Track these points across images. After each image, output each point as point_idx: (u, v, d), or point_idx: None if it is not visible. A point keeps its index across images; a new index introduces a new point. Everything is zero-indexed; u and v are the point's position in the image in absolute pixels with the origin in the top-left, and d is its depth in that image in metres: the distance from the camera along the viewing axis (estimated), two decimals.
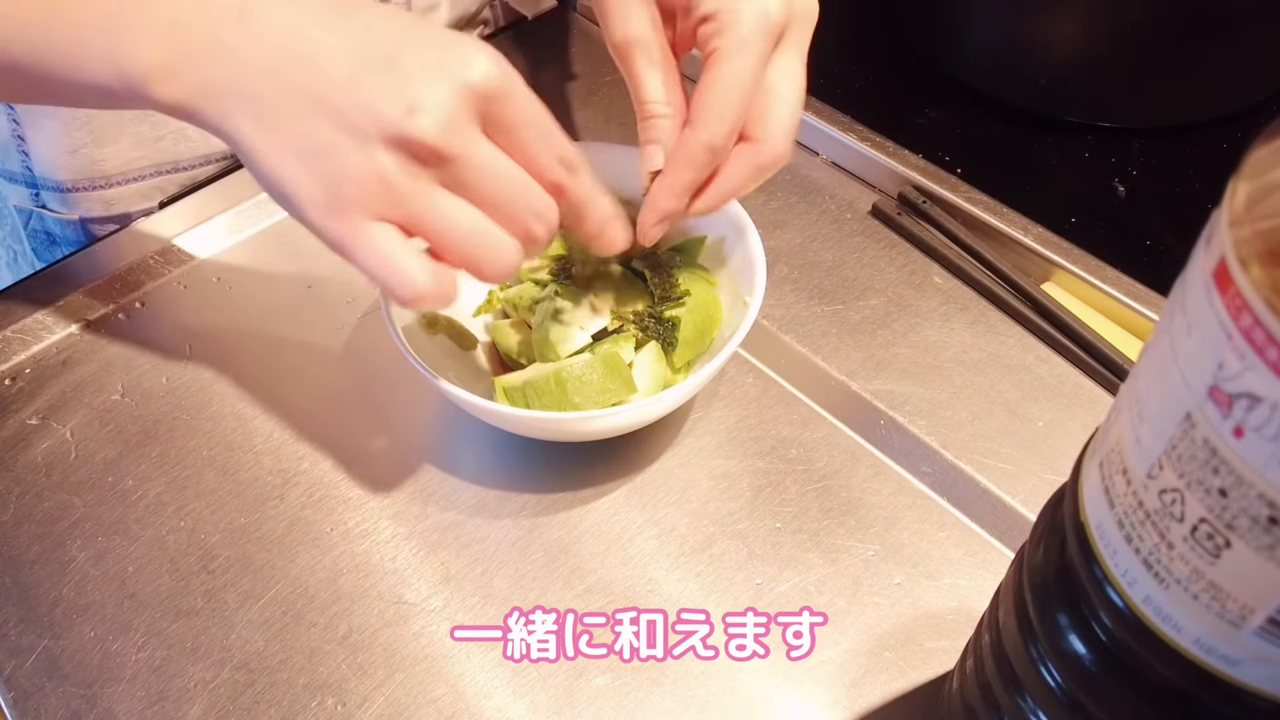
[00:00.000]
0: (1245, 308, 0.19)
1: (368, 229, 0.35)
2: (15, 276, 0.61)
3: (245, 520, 0.47)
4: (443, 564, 0.46)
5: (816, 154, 0.64)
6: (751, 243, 0.48)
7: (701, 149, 0.41)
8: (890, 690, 0.42)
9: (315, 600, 0.45)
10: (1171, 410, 0.22)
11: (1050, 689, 0.29)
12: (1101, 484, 0.25)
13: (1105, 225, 0.60)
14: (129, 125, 0.61)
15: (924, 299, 0.55)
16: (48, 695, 0.42)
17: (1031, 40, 0.65)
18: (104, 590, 0.45)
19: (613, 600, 0.44)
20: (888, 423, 0.50)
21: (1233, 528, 0.21)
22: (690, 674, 0.42)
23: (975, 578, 0.45)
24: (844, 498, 0.48)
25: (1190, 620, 0.23)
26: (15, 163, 0.63)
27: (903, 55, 0.73)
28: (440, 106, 0.34)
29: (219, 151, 0.64)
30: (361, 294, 0.56)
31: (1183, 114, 0.66)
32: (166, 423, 0.51)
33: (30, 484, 0.49)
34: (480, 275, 0.38)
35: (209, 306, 0.56)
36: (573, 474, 0.49)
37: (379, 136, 0.34)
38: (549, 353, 0.47)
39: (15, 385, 0.53)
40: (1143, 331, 0.52)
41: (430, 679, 0.42)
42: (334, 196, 0.35)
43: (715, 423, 0.51)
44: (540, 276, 0.51)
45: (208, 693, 0.42)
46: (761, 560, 0.45)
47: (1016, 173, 0.64)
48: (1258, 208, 0.19)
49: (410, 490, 0.48)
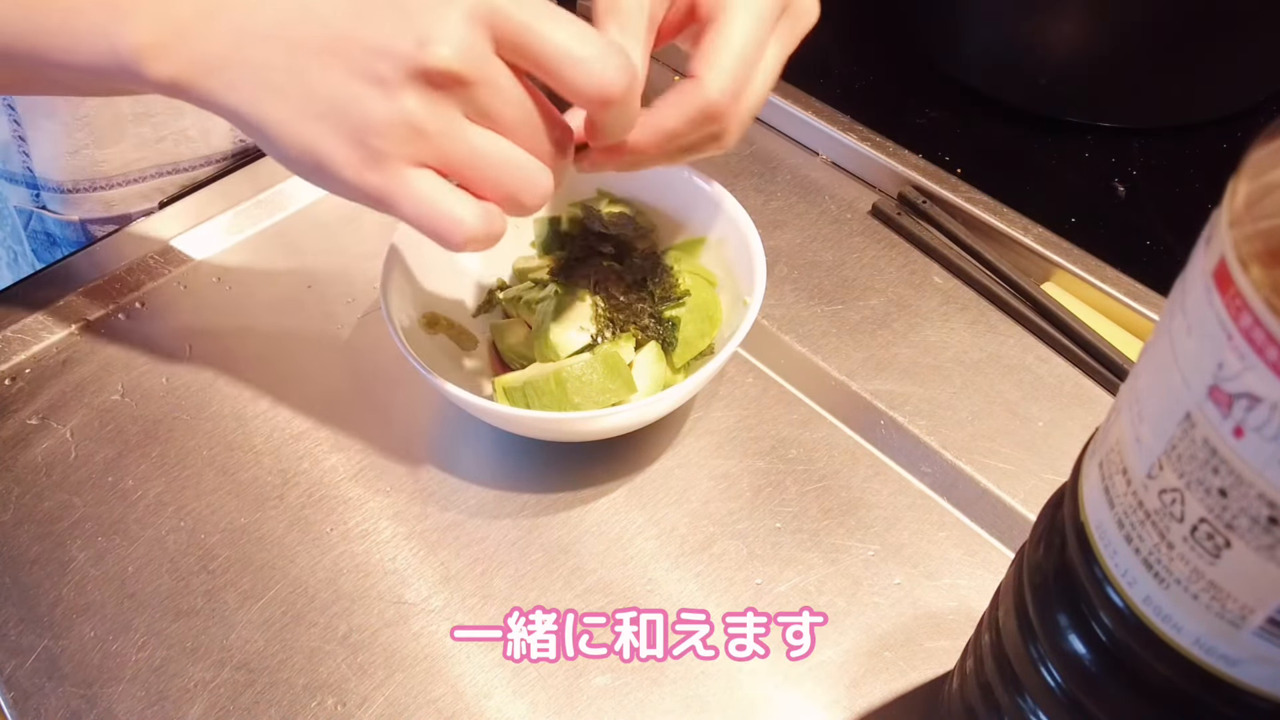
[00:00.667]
0: (1245, 308, 0.19)
1: (406, 177, 0.34)
2: (16, 277, 0.61)
3: (245, 520, 0.47)
4: (443, 564, 0.46)
5: (816, 154, 0.64)
6: (751, 243, 0.48)
7: (701, 100, 0.38)
8: (890, 690, 0.42)
9: (315, 600, 0.45)
10: (1171, 410, 0.22)
11: (1050, 689, 0.29)
12: (1101, 484, 0.25)
13: (1105, 225, 0.60)
14: (129, 126, 0.61)
15: (924, 299, 0.55)
16: (48, 695, 0.42)
17: (1031, 40, 0.65)
18: (104, 590, 0.45)
19: (613, 600, 0.44)
20: (888, 423, 0.50)
21: (1233, 528, 0.21)
22: (690, 674, 0.42)
23: (975, 578, 0.45)
24: (844, 498, 0.48)
25: (1190, 620, 0.23)
26: (16, 164, 0.63)
27: (903, 55, 0.73)
28: (453, 32, 0.33)
29: (219, 152, 0.64)
30: (361, 294, 0.56)
31: (1183, 114, 0.66)
32: (166, 423, 0.51)
33: (30, 484, 0.49)
34: (519, 206, 0.36)
35: (209, 306, 0.56)
36: (573, 474, 0.49)
37: (398, 77, 0.33)
38: (549, 353, 0.47)
39: (15, 385, 0.53)
40: (1143, 331, 0.52)
41: (430, 679, 0.42)
42: (366, 150, 0.34)
43: (715, 423, 0.51)
44: (540, 276, 0.51)
45: (208, 693, 0.42)
46: (761, 560, 0.45)
47: (1016, 173, 0.64)
48: (1258, 208, 0.19)
49: (410, 490, 0.48)
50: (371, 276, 0.56)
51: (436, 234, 0.35)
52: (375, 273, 0.49)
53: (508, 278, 0.54)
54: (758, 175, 0.62)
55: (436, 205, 0.34)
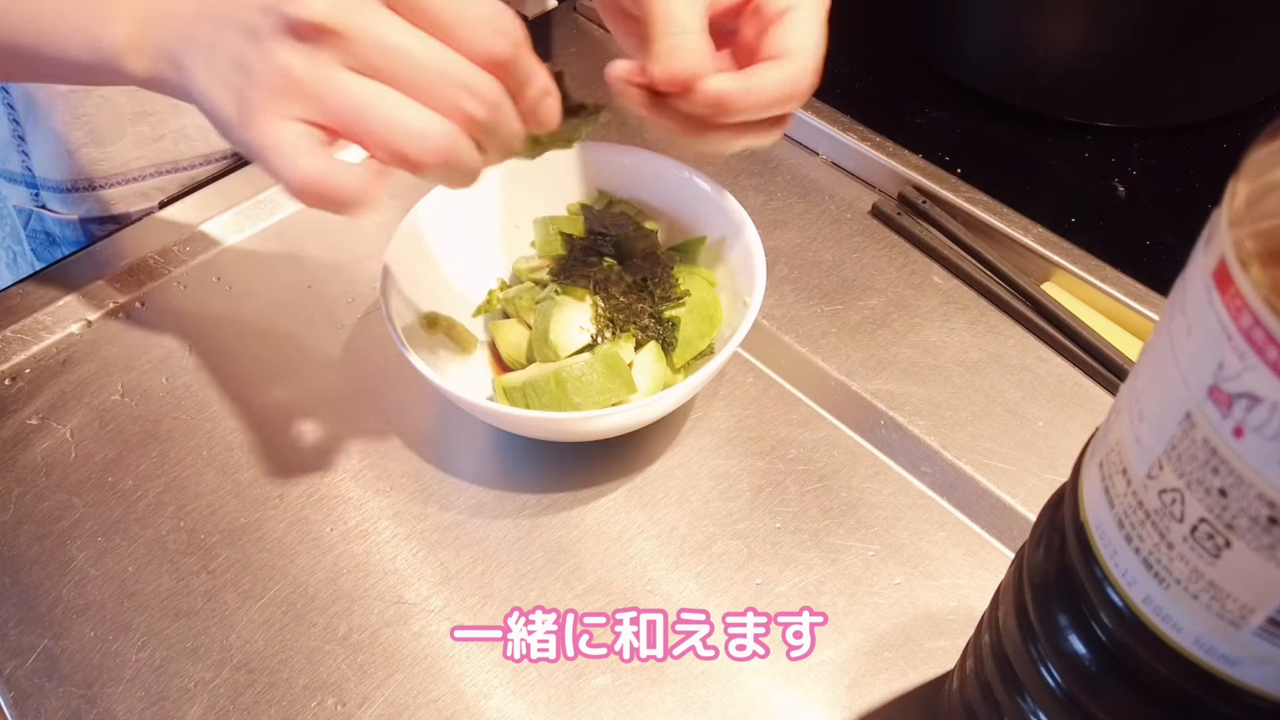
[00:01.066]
0: (1245, 308, 0.19)
1: (274, 129, 0.33)
2: (15, 277, 0.61)
3: (245, 520, 0.47)
4: (443, 564, 0.46)
5: (816, 154, 0.64)
6: (751, 243, 0.48)
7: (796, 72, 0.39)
8: (890, 690, 0.42)
9: (315, 600, 0.45)
10: (1171, 410, 0.22)
11: (1050, 689, 0.29)
12: (1101, 484, 0.25)
13: (1105, 225, 0.60)
14: (129, 125, 0.61)
15: (924, 299, 0.55)
16: (48, 695, 0.42)
17: (1031, 40, 0.65)
18: (104, 590, 0.45)
19: (613, 600, 0.44)
20: (888, 423, 0.50)
21: (1232, 528, 0.21)
22: (690, 674, 0.42)
23: (975, 578, 0.45)
24: (844, 498, 0.48)
25: (1190, 620, 0.23)
26: (15, 163, 0.63)
27: (903, 55, 0.73)
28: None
29: (219, 151, 0.64)
30: (361, 294, 0.56)
31: (1183, 114, 0.66)
32: (166, 423, 0.51)
33: (30, 484, 0.49)
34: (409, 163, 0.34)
35: (209, 306, 0.56)
36: (573, 474, 0.49)
37: (270, 30, 0.33)
38: (549, 352, 0.47)
39: (15, 385, 0.53)
40: (1143, 331, 0.52)
41: (430, 679, 0.42)
42: (245, 106, 0.33)
43: (715, 423, 0.51)
44: (540, 276, 0.51)
45: (208, 693, 0.42)
46: (761, 560, 0.46)
47: (1016, 173, 0.64)
48: (1257, 208, 0.19)
49: (410, 490, 0.48)
50: (371, 276, 0.56)
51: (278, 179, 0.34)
52: (375, 273, 0.49)
53: (508, 278, 0.54)
54: (758, 175, 0.62)
55: (279, 151, 0.33)
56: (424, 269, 0.50)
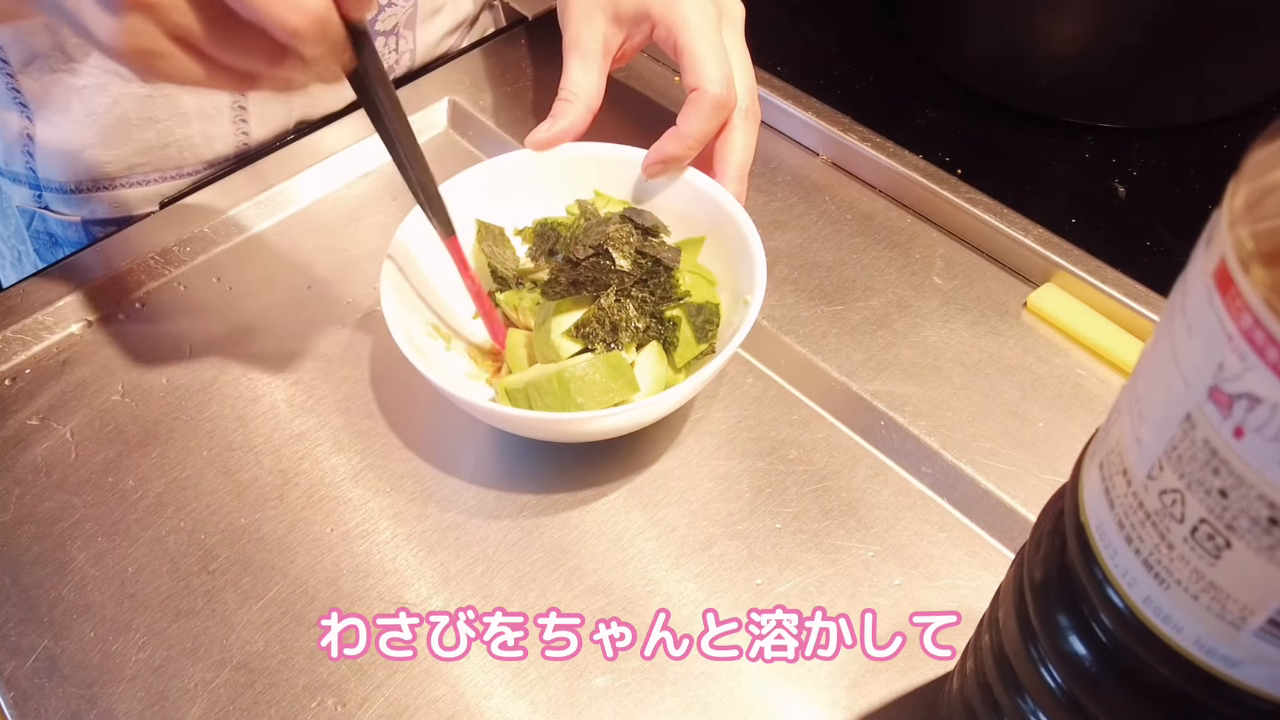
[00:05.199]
0: (1245, 308, 0.19)
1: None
2: (19, 276, 0.61)
3: (245, 520, 0.47)
4: (443, 564, 0.46)
5: (816, 154, 0.64)
6: (751, 243, 0.48)
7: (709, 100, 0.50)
8: (890, 690, 0.42)
9: (315, 600, 0.45)
10: (1171, 411, 0.22)
11: (1050, 689, 0.29)
12: (1101, 485, 0.25)
13: (1105, 225, 0.60)
14: (135, 131, 0.61)
15: (924, 299, 0.55)
16: (48, 695, 0.42)
17: (1031, 40, 0.65)
18: (104, 590, 0.45)
19: (613, 600, 0.44)
20: (888, 423, 0.50)
21: (1233, 528, 0.21)
22: (690, 674, 0.42)
23: (975, 578, 0.45)
24: (844, 498, 0.48)
25: (1190, 621, 0.23)
26: (19, 164, 0.63)
27: (903, 55, 0.73)
28: None
29: (222, 157, 0.64)
30: (361, 294, 0.56)
31: (1183, 114, 0.66)
32: (166, 423, 0.51)
33: (30, 484, 0.49)
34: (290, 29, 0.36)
35: (209, 306, 0.56)
36: (573, 474, 0.49)
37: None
38: (550, 353, 0.47)
39: (15, 385, 0.53)
40: (1143, 331, 0.52)
41: (430, 679, 0.42)
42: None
43: (715, 423, 0.51)
44: (540, 278, 0.51)
45: (208, 693, 0.42)
46: (761, 560, 0.46)
47: (1016, 173, 0.64)
48: (1258, 208, 0.19)
49: (410, 490, 0.48)
50: (371, 276, 0.56)
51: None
52: (375, 273, 0.49)
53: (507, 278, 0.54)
54: (758, 175, 0.62)
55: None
56: (424, 270, 0.50)
